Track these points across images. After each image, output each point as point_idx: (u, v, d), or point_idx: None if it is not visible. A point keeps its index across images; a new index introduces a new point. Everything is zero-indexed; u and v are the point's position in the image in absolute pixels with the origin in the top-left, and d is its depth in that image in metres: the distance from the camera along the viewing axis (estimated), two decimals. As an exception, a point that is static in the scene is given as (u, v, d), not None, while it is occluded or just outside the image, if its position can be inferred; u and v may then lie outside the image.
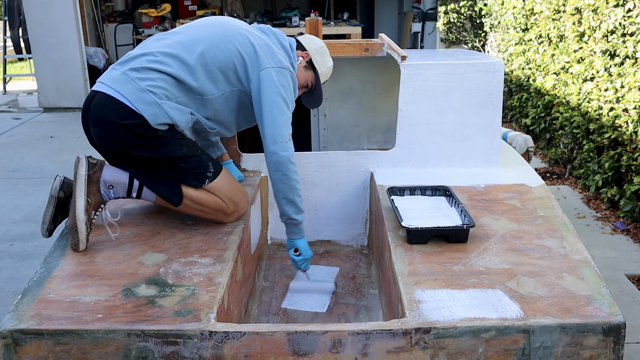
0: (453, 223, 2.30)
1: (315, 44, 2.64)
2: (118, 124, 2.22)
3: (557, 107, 5.17)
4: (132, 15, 10.28)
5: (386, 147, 3.72)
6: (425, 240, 2.23)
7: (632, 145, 3.94)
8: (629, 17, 4.05)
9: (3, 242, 3.97)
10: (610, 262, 3.53)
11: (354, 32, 8.66)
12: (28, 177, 5.27)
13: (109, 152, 2.33)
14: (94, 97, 2.30)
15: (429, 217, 2.39)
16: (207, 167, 2.37)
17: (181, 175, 2.33)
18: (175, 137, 2.30)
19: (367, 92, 3.92)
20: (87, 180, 2.21)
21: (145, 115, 2.21)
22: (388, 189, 2.59)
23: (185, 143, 2.33)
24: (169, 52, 2.33)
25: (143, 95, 2.23)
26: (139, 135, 2.23)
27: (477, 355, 1.74)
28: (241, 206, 2.47)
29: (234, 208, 2.44)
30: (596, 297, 1.85)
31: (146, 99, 2.23)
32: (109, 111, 2.23)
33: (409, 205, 2.49)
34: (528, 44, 6.03)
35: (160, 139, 2.25)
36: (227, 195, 2.41)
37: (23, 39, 9.48)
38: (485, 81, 2.90)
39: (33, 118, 7.62)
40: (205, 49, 2.34)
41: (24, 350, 1.77)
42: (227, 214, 2.43)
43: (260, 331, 1.75)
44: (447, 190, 2.56)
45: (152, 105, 2.23)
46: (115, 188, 2.30)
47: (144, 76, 2.26)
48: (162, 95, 2.26)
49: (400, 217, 2.32)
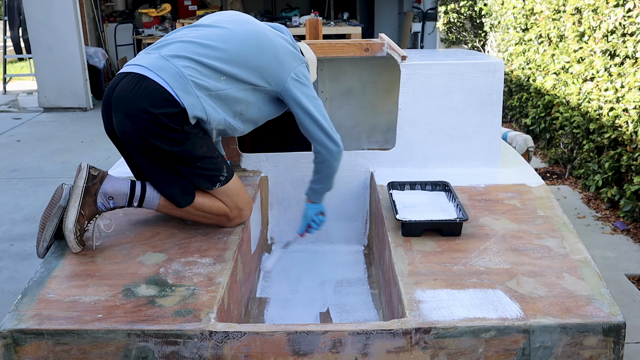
0: (448, 217, 2.34)
1: (310, 53, 2.63)
2: (148, 112, 2.14)
3: (557, 107, 5.17)
4: (132, 15, 10.28)
5: (386, 147, 3.72)
6: (419, 233, 2.28)
7: (632, 145, 3.95)
8: (629, 17, 4.05)
9: (3, 242, 3.97)
10: (610, 262, 3.53)
11: (354, 32, 8.66)
12: (28, 177, 5.27)
13: (128, 141, 2.22)
14: (122, 80, 2.22)
15: (426, 211, 2.43)
16: (221, 170, 2.35)
17: (195, 176, 2.29)
18: (199, 135, 2.26)
19: (367, 92, 3.92)
20: (83, 192, 2.18)
21: (185, 104, 2.17)
22: (388, 184, 2.64)
23: (206, 143, 2.29)
24: (207, 43, 2.30)
25: (186, 84, 2.20)
26: (165, 127, 2.16)
27: (477, 355, 1.74)
28: (245, 213, 2.46)
29: (238, 214, 2.42)
30: (596, 297, 1.85)
31: (188, 89, 2.19)
32: (141, 96, 2.15)
33: (407, 200, 2.54)
34: (528, 43, 6.03)
35: (184, 134, 2.20)
36: (233, 201, 2.39)
37: (23, 39, 9.48)
38: (485, 81, 2.90)
39: (33, 118, 7.63)
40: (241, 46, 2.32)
41: (24, 350, 1.77)
42: (230, 219, 2.41)
43: (260, 331, 1.75)
44: (446, 186, 2.61)
45: (192, 96, 2.20)
46: (116, 199, 2.25)
47: (186, 64, 2.22)
48: (203, 87, 2.23)
49: (395, 210, 2.38)
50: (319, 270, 2.90)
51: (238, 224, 2.45)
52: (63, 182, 2.34)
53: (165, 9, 9.78)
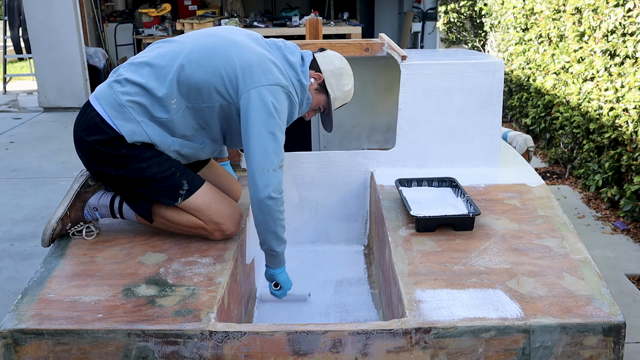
0: (459, 212, 2.40)
1: (332, 64, 2.40)
2: (83, 139, 2.22)
3: (557, 106, 5.17)
4: (132, 15, 10.27)
5: (386, 147, 3.72)
6: (433, 228, 2.33)
7: (632, 145, 3.94)
8: (629, 16, 4.05)
9: (3, 242, 3.97)
10: (610, 262, 3.53)
11: (354, 31, 8.66)
12: (28, 177, 5.27)
13: (87, 167, 2.34)
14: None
15: (436, 206, 2.47)
16: (179, 186, 2.24)
17: (153, 194, 2.25)
18: (144, 156, 2.20)
19: (367, 92, 3.92)
20: (75, 196, 2.32)
21: (122, 131, 2.16)
22: (396, 180, 2.67)
23: (157, 162, 2.22)
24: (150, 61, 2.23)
25: (123, 111, 2.18)
26: (101, 153, 2.20)
27: (477, 355, 1.74)
28: (225, 227, 2.29)
29: (216, 227, 2.28)
30: (596, 296, 1.85)
31: (126, 116, 2.18)
32: (81, 125, 2.24)
33: (416, 196, 2.57)
34: (528, 43, 6.03)
35: (125, 158, 2.19)
36: (205, 215, 2.27)
37: (23, 38, 9.48)
38: (485, 81, 2.90)
39: (33, 118, 7.62)
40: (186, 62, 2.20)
41: (24, 350, 1.77)
42: (209, 232, 2.29)
43: (260, 331, 1.75)
44: (452, 182, 2.66)
45: (131, 122, 2.18)
46: (100, 210, 2.37)
47: (125, 90, 2.20)
48: (141, 112, 2.18)
49: (408, 206, 2.41)
50: (318, 270, 2.90)
51: (227, 237, 2.32)
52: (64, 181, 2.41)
53: (165, 8, 9.77)
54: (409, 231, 2.33)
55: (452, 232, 2.30)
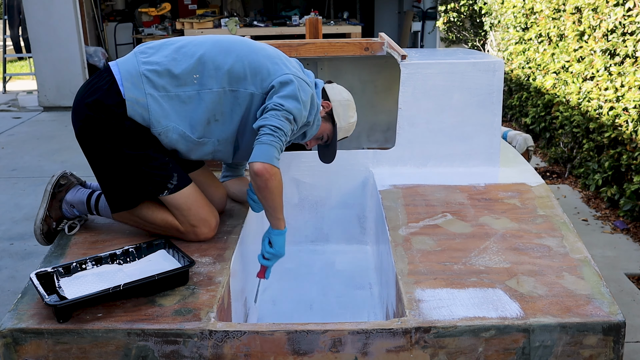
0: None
1: (341, 95, 2.47)
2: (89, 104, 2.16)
3: (557, 106, 5.17)
4: (132, 14, 10.28)
5: (386, 147, 3.72)
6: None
7: (632, 145, 3.95)
8: (628, 16, 4.05)
9: (3, 241, 3.97)
10: (610, 261, 3.53)
11: (354, 31, 8.66)
12: (28, 177, 5.27)
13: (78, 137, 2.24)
14: None
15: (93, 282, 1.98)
16: (170, 177, 2.21)
17: (142, 178, 2.20)
18: (144, 134, 2.18)
19: (367, 91, 3.91)
20: (50, 197, 2.40)
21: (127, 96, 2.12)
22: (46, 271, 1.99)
23: (156, 144, 2.21)
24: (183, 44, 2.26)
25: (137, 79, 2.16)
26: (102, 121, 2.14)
27: (477, 354, 1.74)
28: (200, 231, 2.26)
29: (191, 230, 2.25)
30: (596, 296, 1.85)
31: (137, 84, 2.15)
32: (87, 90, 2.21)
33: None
34: (528, 43, 6.03)
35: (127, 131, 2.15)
36: (184, 216, 2.23)
37: (23, 38, 9.47)
38: (485, 80, 2.90)
39: (33, 117, 7.62)
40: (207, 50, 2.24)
41: (24, 350, 1.77)
42: (183, 233, 2.26)
43: (260, 330, 1.75)
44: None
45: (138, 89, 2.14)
46: (77, 207, 2.41)
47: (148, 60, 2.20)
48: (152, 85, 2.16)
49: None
50: (318, 270, 2.90)
51: (203, 240, 2.28)
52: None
53: (165, 8, 9.77)
54: (409, 230, 2.33)
55: (452, 232, 2.30)
